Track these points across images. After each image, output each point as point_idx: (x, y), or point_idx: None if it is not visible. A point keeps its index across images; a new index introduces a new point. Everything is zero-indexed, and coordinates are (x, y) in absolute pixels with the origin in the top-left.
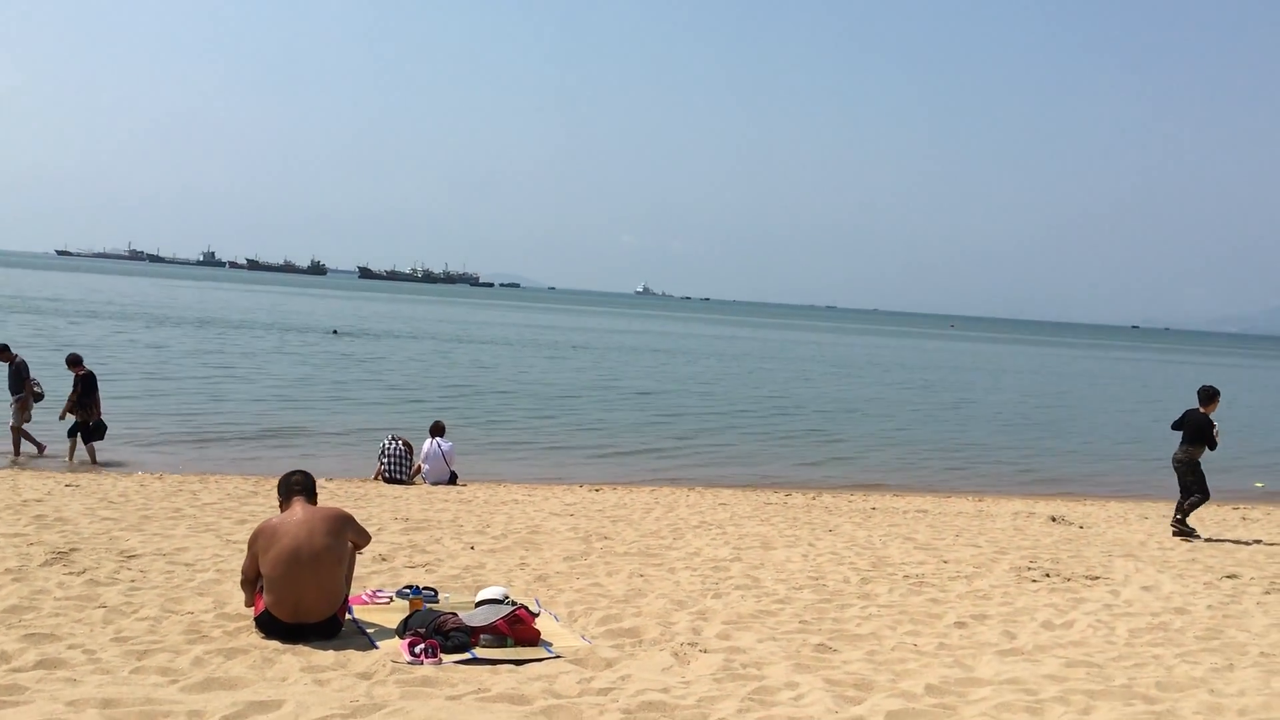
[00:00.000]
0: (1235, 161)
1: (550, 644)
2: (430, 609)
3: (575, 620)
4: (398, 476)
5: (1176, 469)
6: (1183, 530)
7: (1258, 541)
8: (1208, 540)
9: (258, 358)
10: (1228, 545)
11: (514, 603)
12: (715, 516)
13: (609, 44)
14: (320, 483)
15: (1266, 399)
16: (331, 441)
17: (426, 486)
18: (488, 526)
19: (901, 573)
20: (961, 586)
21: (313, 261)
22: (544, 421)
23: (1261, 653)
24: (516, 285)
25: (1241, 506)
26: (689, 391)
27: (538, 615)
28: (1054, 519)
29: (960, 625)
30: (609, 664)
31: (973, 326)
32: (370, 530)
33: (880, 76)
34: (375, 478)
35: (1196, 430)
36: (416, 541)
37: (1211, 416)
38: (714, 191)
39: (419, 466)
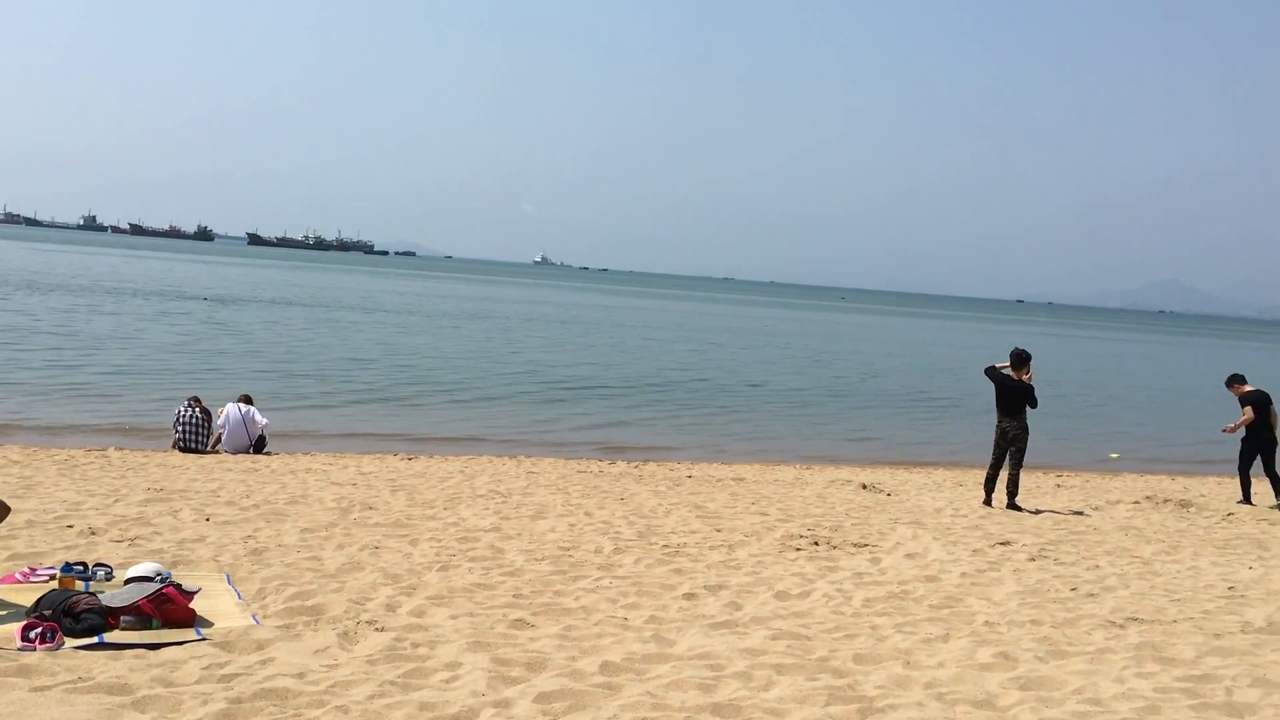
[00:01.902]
0: (1119, 144)
1: (211, 624)
2: (67, 590)
3: (264, 598)
4: (193, 445)
5: (1012, 440)
6: (1016, 505)
7: (1047, 511)
8: (1009, 508)
9: (120, 323)
10: (1025, 514)
11: (165, 580)
12: (511, 485)
13: (512, 9)
14: (106, 451)
15: (1134, 370)
16: (143, 406)
17: (222, 454)
18: (246, 496)
19: (663, 542)
20: (717, 556)
21: (199, 227)
22: (410, 390)
23: (986, 622)
24: (413, 254)
25: (1064, 474)
26: (575, 362)
27: (194, 594)
28: (865, 486)
29: (689, 597)
30: (260, 646)
31: (864, 299)
32: (109, 501)
33: (787, 46)
34: (172, 447)
35: (1018, 397)
36: (146, 514)
37: (1026, 378)
38: (617, 162)
39: (219, 434)
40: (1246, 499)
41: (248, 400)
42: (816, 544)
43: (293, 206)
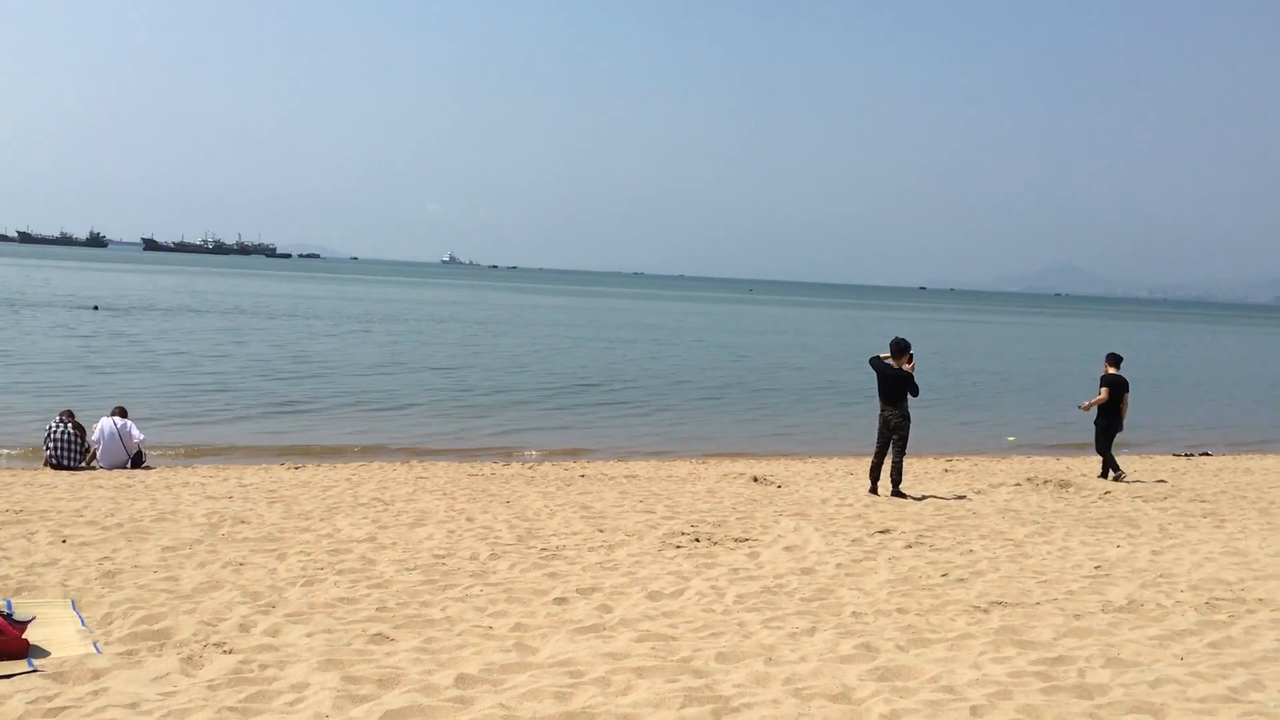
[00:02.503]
0: (1013, 134)
1: (47, 654)
2: None
3: (110, 624)
4: (65, 462)
5: (894, 429)
6: (900, 493)
7: (931, 497)
8: (894, 495)
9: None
10: (909, 501)
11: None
12: (395, 492)
13: (418, 4)
14: None
15: (1028, 351)
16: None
17: (98, 471)
18: (111, 515)
19: (542, 545)
20: (595, 558)
21: (91, 233)
22: (316, 399)
23: (854, 613)
24: (317, 256)
25: (954, 459)
26: (486, 365)
27: (27, 623)
28: (756, 479)
29: (560, 601)
30: (95, 676)
31: (771, 290)
32: None
33: (691, 49)
34: (44, 465)
35: (899, 385)
36: None
37: (906, 367)
38: (523, 160)
39: (93, 450)
40: (1117, 475)
41: (122, 413)
42: (698, 540)
43: (190, 211)
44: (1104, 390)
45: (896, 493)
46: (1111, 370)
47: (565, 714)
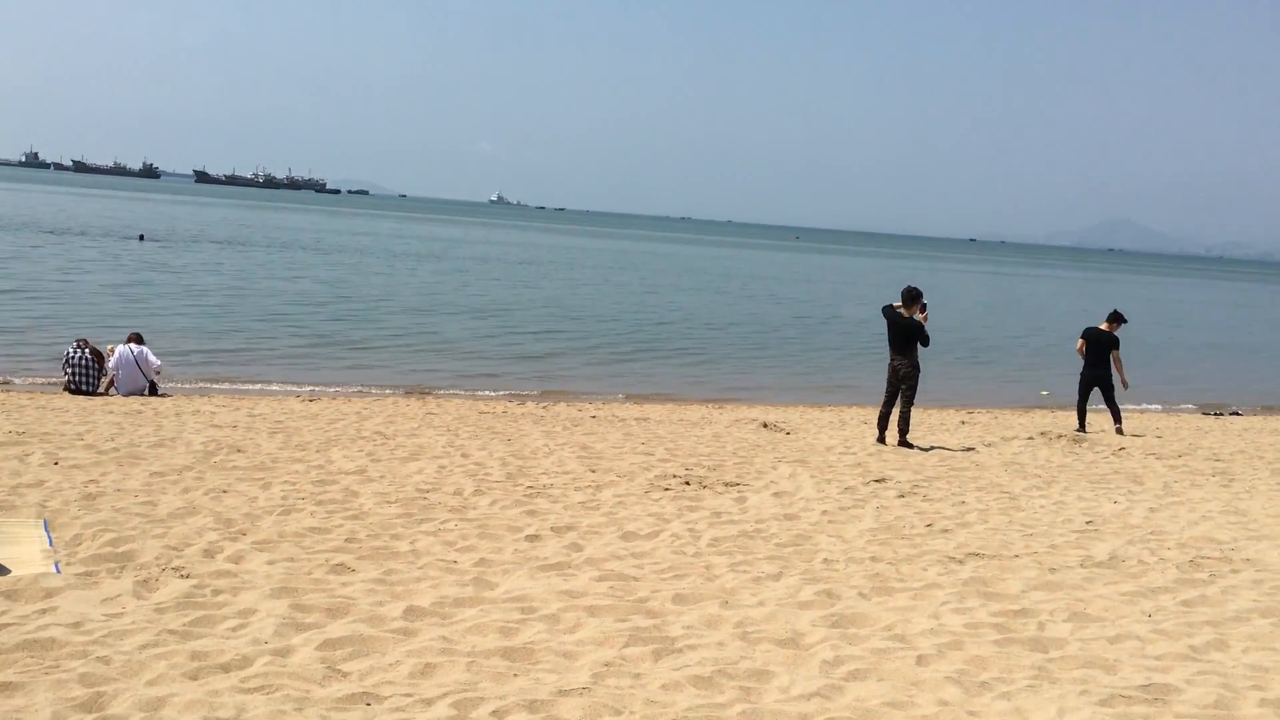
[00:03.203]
0: (1070, 93)
1: (8, 571)
2: None
3: (78, 545)
4: (83, 387)
5: (902, 378)
6: (907, 443)
7: (939, 448)
8: (900, 445)
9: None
10: (914, 451)
11: None
12: (400, 426)
13: None
14: None
15: (1077, 306)
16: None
17: (114, 397)
18: (111, 440)
19: (529, 484)
20: (580, 497)
21: (145, 164)
22: (357, 336)
23: (825, 559)
24: (365, 192)
25: (974, 411)
26: (530, 304)
27: None
28: (766, 425)
29: (532, 539)
30: (47, 595)
31: (818, 238)
32: None
33: None
34: (63, 389)
35: (906, 335)
36: None
37: (919, 317)
38: (574, 100)
39: (111, 377)
40: (1082, 428)
41: (138, 339)
42: (688, 484)
43: (241, 145)
44: (1081, 342)
45: (904, 443)
46: (1102, 326)
47: (505, 649)
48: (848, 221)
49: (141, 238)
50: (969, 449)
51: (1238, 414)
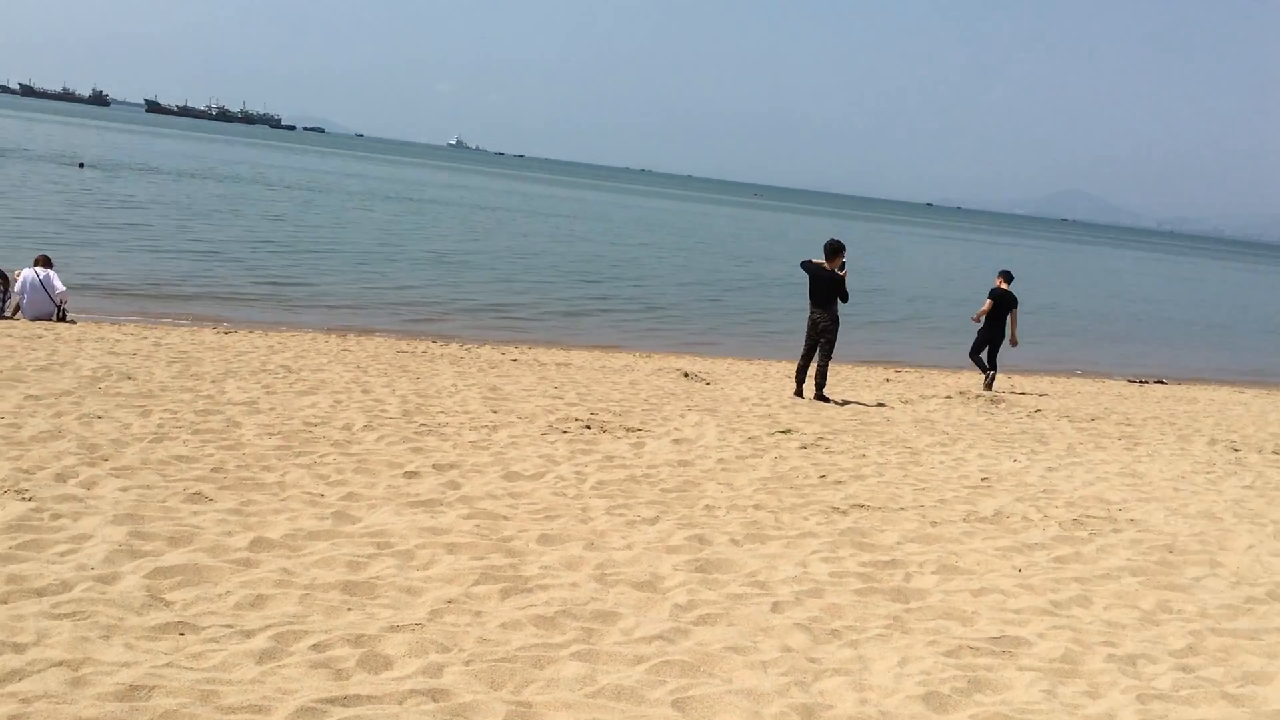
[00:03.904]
0: (1030, 63)
1: None
2: None
3: None
4: None
5: (821, 331)
6: (824, 397)
7: (855, 403)
8: (817, 399)
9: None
10: (829, 405)
11: None
12: (309, 362)
13: None
14: None
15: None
16: None
17: (19, 321)
18: None
19: (423, 421)
20: (472, 436)
21: (94, 91)
22: (286, 269)
23: (706, 506)
24: (321, 130)
25: (903, 370)
26: (491, 250)
27: None
28: (686, 375)
29: (410, 475)
30: None
31: (777, 196)
32: None
33: None
34: None
35: (829, 288)
36: None
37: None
38: (535, 44)
39: (17, 301)
40: (991, 379)
41: (46, 263)
42: (588, 427)
43: (194, 76)
44: (988, 302)
45: (820, 396)
46: (1002, 285)
47: (347, 583)
48: (806, 181)
49: (81, 165)
50: (883, 405)
51: (1162, 382)
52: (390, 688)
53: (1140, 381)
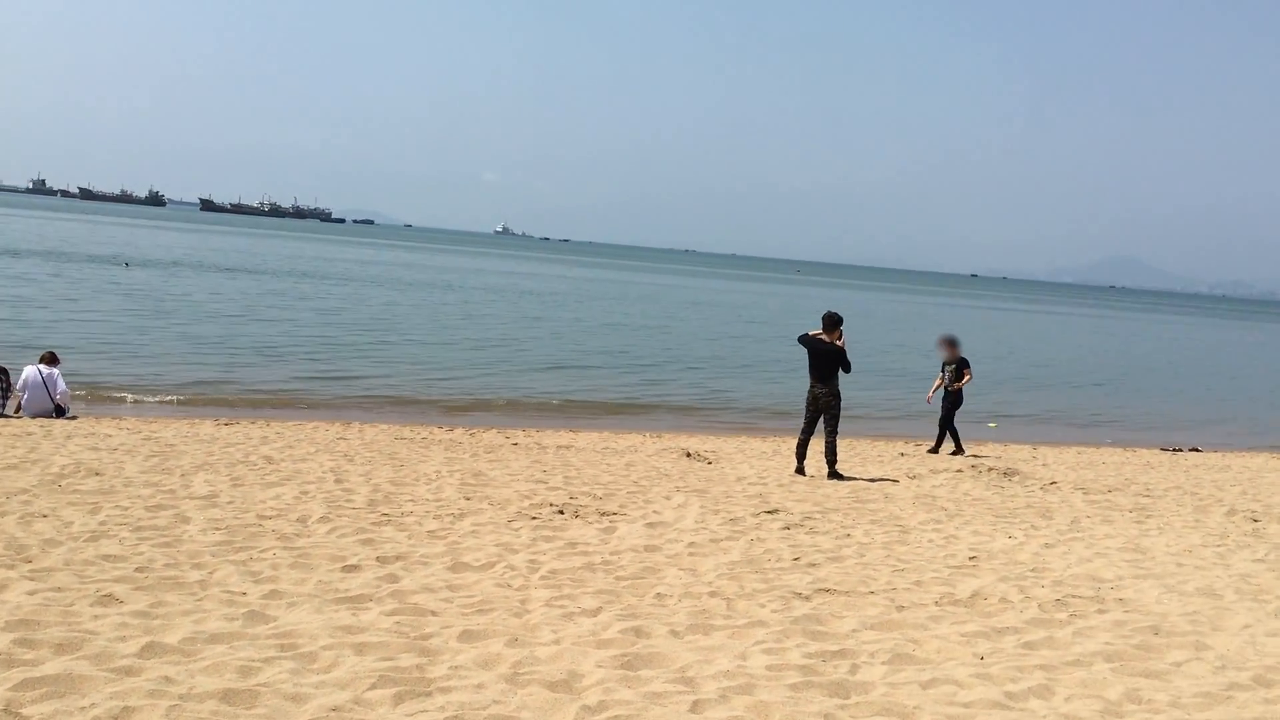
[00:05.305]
0: (1073, 128)
1: None
2: None
3: None
4: None
5: (824, 408)
6: (838, 474)
7: (860, 479)
8: (830, 477)
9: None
10: (829, 483)
11: None
12: (294, 451)
13: None
14: None
15: (1063, 345)
16: None
17: (20, 419)
18: None
19: (386, 510)
20: (433, 526)
21: (151, 192)
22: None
23: (658, 594)
24: (371, 222)
25: (919, 443)
26: (538, 336)
27: None
28: (689, 454)
29: (349, 569)
30: None
31: (819, 272)
32: None
33: (755, 20)
34: None
35: (830, 361)
36: None
37: (839, 343)
38: (581, 133)
39: (18, 399)
40: (959, 449)
41: (52, 360)
42: (561, 512)
43: (247, 176)
44: (968, 374)
45: (834, 474)
46: (960, 353)
47: (228, 691)
48: (847, 256)
49: (126, 265)
50: (890, 480)
51: (1197, 450)
52: None
53: (1174, 450)
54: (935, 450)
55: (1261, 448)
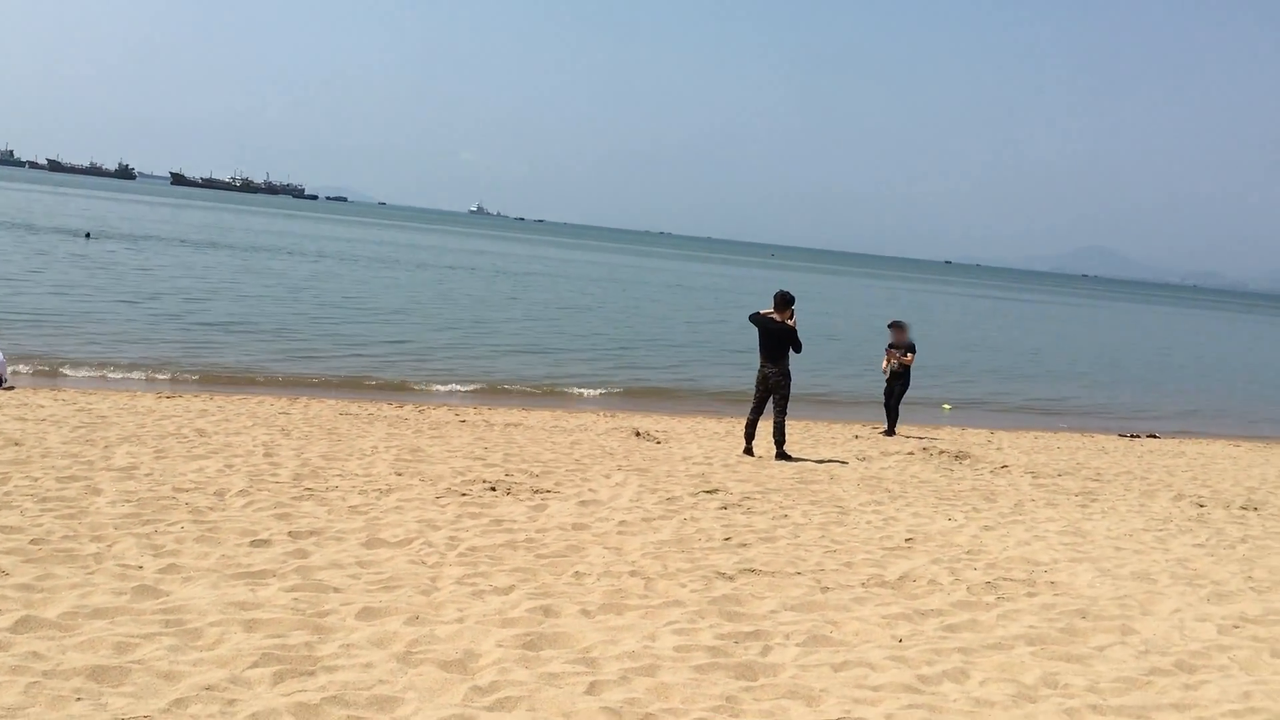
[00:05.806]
0: (1048, 118)
1: None
2: None
3: None
4: None
5: (773, 387)
6: (785, 455)
7: (809, 460)
8: (778, 458)
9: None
10: (776, 464)
11: None
12: (233, 425)
13: None
14: None
15: (1029, 331)
16: None
17: None
18: None
19: (310, 484)
20: (356, 501)
21: (120, 165)
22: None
23: (577, 573)
24: (344, 199)
25: (872, 425)
26: (513, 317)
27: None
28: (638, 433)
29: (258, 543)
30: None
31: (793, 256)
32: None
33: (739, 5)
34: None
35: (780, 341)
36: None
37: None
38: (559, 112)
39: None
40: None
41: None
42: (493, 489)
43: (219, 149)
44: (910, 355)
45: (781, 455)
46: (908, 337)
47: (98, 668)
48: (820, 241)
49: (87, 236)
50: (839, 462)
51: (1155, 436)
52: None
53: (1131, 436)
54: (890, 433)
55: (1219, 434)
